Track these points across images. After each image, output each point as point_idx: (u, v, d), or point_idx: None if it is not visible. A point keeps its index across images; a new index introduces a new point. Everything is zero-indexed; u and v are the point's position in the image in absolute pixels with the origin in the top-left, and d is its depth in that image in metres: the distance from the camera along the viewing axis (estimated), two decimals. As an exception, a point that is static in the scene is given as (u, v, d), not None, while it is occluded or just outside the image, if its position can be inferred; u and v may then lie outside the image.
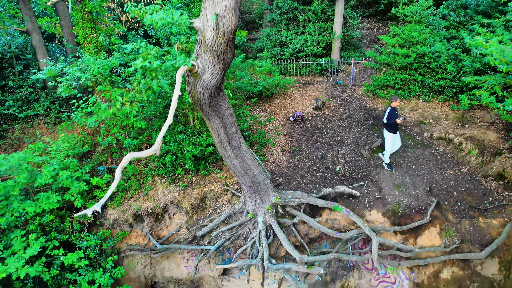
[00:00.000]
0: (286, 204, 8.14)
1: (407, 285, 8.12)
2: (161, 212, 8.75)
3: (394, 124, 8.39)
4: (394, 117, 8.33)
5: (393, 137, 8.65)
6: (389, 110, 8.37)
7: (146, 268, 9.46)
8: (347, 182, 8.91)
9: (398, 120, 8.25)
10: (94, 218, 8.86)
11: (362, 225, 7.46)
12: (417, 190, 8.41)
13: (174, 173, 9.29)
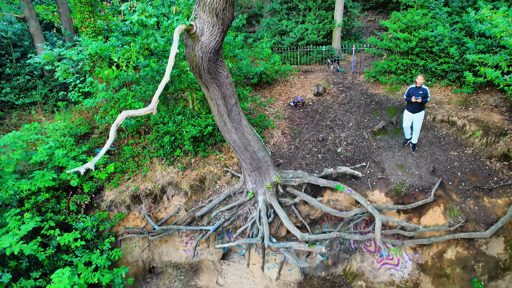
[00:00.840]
0: (287, 184, 7.97)
1: (410, 266, 7.95)
2: (159, 194, 8.58)
3: (409, 101, 8.21)
4: (412, 95, 8.13)
5: (405, 114, 8.46)
6: (410, 87, 8.25)
7: (144, 252, 9.29)
8: (349, 163, 8.75)
9: (412, 98, 8.05)
10: (91, 200, 8.69)
11: (365, 203, 7.30)
12: (421, 170, 8.25)
13: (172, 155, 9.12)
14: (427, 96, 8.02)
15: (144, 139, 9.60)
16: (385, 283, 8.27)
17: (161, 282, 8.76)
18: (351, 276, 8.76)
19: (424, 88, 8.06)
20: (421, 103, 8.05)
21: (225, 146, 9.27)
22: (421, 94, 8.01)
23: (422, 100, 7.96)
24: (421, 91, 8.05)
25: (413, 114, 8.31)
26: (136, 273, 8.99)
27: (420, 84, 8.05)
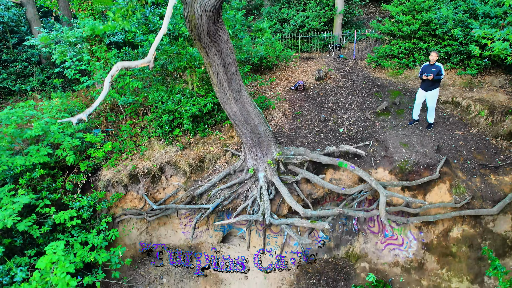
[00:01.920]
0: (289, 161, 7.78)
1: (415, 246, 7.75)
2: (158, 173, 8.38)
3: (422, 79, 8.04)
4: (425, 73, 7.95)
5: (418, 92, 8.30)
6: (423, 64, 8.10)
7: (142, 235, 9.08)
8: (352, 142, 8.55)
9: (424, 75, 7.88)
10: (88, 180, 8.48)
11: (369, 179, 7.11)
12: (425, 148, 8.06)
13: (171, 135, 8.92)
14: (440, 73, 7.84)
15: (142, 120, 9.40)
16: (389, 264, 8.07)
17: (160, 262, 8.55)
18: (354, 258, 8.56)
19: (438, 65, 7.89)
20: (434, 80, 7.87)
21: (225, 126, 9.08)
22: (433, 72, 7.84)
23: (434, 77, 7.78)
24: (434, 68, 7.89)
25: (425, 92, 8.15)
26: (134, 256, 8.78)
27: (433, 61, 7.89)
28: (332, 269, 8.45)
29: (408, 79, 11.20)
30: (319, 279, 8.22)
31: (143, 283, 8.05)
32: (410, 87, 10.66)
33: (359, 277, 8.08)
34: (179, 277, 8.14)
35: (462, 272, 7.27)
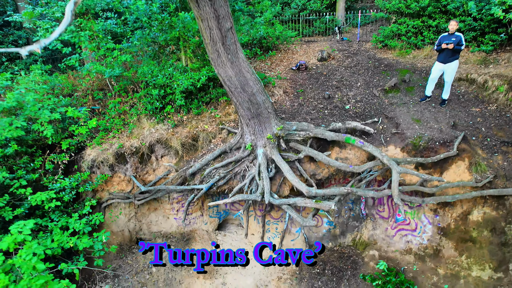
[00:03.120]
0: (290, 138, 7.06)
1: (430, 231, 7.02)
2: (147, 152, 7.66)
3: (439, 50, 7.32)
4: (443, 42, 7.25)
5: (435, 66, 7.62)
6: (441, 35, 7.41)
7: (131, 222, 8.35)
8: (359, 119, 7.84)
9: (443, 44, 7.16)
10: (71, 160, 7.76)
11: (380, 154, 6.39)
12: (440, 124, 7.34)
13: (162, 113, 8.21)
14: (461, 43, 7.12)
15: (132, 98, 8.68)
16: (400, 252, 7.34)
17: (149, 252, 7.81)
18: (361, 246, 7.83)
19: (458, 35, 7.17)
20: (454, 51, 7.16)
21: (221, 103, 8.37)
22: (453, 41, 7.11)
23: (454, 47, 7.06)
24: (454, 38, 7.16)
25: (444, 64, 7.42)
26: (121, 243, 8.05)
27: (452, 30, 7.17)
28: (338, 258, 7.71)
29: (417, 59, 10.50)
30: (323, 269, 7.48)
31: (130, 273, 7.32)
32: (419, 66, 9.96)
33: (368, 266, 7.35)
34: (170, 266, 7.40)
35: (483, 259, 6.54)
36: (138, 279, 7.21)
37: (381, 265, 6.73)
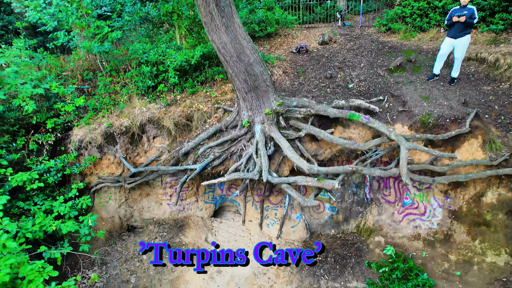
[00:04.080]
0: (290, 115, 6.61)
1: (440, 215, 6.56)
2: (138, 132, 7.19)
3: (450, 25, 6.88)
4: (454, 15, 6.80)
5: (444, 41, 7.18)
6: (452, 9, 6.98)
7: (122, 208, 7.89)
8: (363, 97, 7.39)
9: (454, 17, 6.72)
10: (57, 141, 7.29)
11: (387, 130, 5.93)
12: (450, 101, 6.89)
13: (155, 93, 7.76)
14: (473, 16, 6.67)
15: (123, 78, 8.23)
16: (408, 238, 6.87)
17: (139, 239, 7.34)
18: (366, 233, 7.36)
19: (470, 7, 6.72)
20: (466, 24, 6.71)
21: (217, 81, 7.91)
22: (465, 14, 6.67)
23: (466, 20, 6.62)
24: (466, 10, 6.72)
25: (454, 39, 6.98)
26: (111, 230, 7.58)
27: (465, 2, 6.71)
28: (341, 245, 7.24)
29: (422, 41, 10.06)
30: (325, 256, 7.01)
31: (119, 260, 6.85)
32: (425, 47, 9.51)
33: (373, 253, 6.88)
34: (162, 253, 6.93)
35: (499, 243, 6.07)
36: (127, 267, 6.74)
37: (388, 250, 6.26)
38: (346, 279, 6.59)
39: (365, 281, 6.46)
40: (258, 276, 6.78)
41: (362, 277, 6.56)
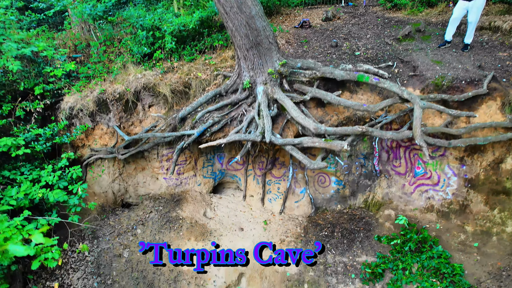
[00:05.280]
0: (294, 78, 6.20)
1: (455, 184, 6.12)
2: (132, 99, 6.77)
3: None
4: None
5: (458, 4, 6.80)
6: None
7: (116, 183, 7.46)
8: (371, 63, 6.97)
9: None
10: (46, 110, 6.88)
11: (399, 89, 5.51)
12: (464, 65, 6.48)
13: (151, 61, 7.35)
14: None
15: (118, 47, 7.82)
16: (420, 210, 6.44)
17: (133, 213, 6.91)
18: (374, 207, 6.93)
19: None
20: None
21: (217, 48, 7.50)
22: None
23: None
24: None
25: (468, 2, 6.57)
26: (104, 205, 7.15)
27: None
28: (348, 220, 6.81)
29: (430, 15, 9.65)
30: (332, 231, 6.58)
31: (111, 234, 6.41)
32: (434, 20, 9.11)
33: (383, 227, 6.44)
34: (157, 227, 6.50)
35: (519, 212, 5.64)
36: (120, 241, 6.31)
37: (401, 219, 5.83)
38: (354, 254, 6.15)
39: (375, 255, 6.02)
40: (260, 251, 6.34)
41: (371, 251, 6.12)
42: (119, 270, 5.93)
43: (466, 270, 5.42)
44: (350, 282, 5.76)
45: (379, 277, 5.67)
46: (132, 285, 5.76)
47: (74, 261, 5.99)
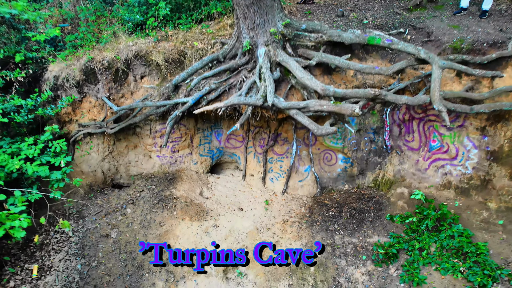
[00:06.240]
0: (299, 42, 5.68)
1: (476, 157, 5.58)
2: (123, 68, 6.24)
3: None
4: None
5: None
6: None
7: (105, 162, 6.93)
8: (381, 31, 6.44)
9: None
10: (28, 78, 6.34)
11: (414, 49, 4.98)
12: (484, 28, 5.94)
13: (144, 31, 6.84)
14: None
15: (110, 17, 7.31)
16: (436, 187, 5.89)
17: (123, 193, 6.37)
18: (385, 186, 6.40)
19: None
20: None
21: (215, 16, 6.98)
22: None
23: None
24: None
25: None
26: (92, 185, 6.61)
27: None
28: (357, 199, 6.27)
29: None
30: (339, 211, 6.03)
31: (99, 214, 5.87)
32: (445, -6, 8.60)
33: (395, 206, 5.89)
34: (149, 207, 5.96)
35: (549, 185, 5.10)
36: (108, 221, 5.76)
37: (417, 194, 5.30)
38: (365, 234, 5.60)
39: (387, 235, 5.47)
40: (262, 231, 5.79)
41: (384, 231, 5.57)
42: (106, 251, 5.38)
43: (491, 249, 4.86)
44: (361, 264, 5.21)
45: (393, 258, 5.12)
46: (119, 267, 5.21)
47: (56, 242, 5.44)
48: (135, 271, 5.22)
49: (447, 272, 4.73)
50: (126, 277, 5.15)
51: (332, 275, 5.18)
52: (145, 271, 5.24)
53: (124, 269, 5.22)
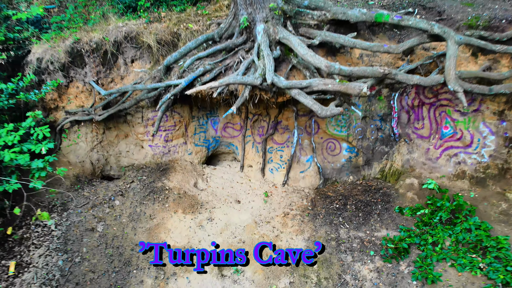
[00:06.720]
0: (300, 21, 5.26)
1: (493, 144, 5.14)
2: (112, 51, 5.82)
3: None
4: None
5: None
6: None
7: (94, 152, 6.50)
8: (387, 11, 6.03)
9: None
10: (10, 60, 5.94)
11: (427, 24, 4.55)
12: (501, 5, 5.52)
13: (135, 13, 6.43)
14: None
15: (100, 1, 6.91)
16: (449, 177, 5.46)
17: (112, 184, 5.95)
18: (393, 177, 5.97)
19: None
20: None
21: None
22: None
23: None
24: None
25: None
26: (79, 176, 6.18)
27: None
28: (363, 191, 5.84)
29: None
30: (344, 204, 5.60)
31: (85, 206, 5.45)
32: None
33: (405, 198, 5.46)
34: (139, 199, 5.54)
35: None
36: (94, 213, 5.33)
37: (430, 183, 4.86)
38: (372, 228, 5.16)
39: (397, 229, 5.04)
40: (260, 225, 5.36)
41: (392, 225, 5.14)
42: (91, 246, 4.95)
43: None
44: (369, 260, 4.77)
45: (404, 254, 4.69)
46: (105, 263, 4.78)
47: (37, 236, 5.02)
48: (121, 268, 4.79)
49: (465, 269, 4.30)
50: (112, 274, 4.71)
51: (337, 272, 4.74)
52: (133, 268, 4.81)
53: (110, 266, 4.78)
